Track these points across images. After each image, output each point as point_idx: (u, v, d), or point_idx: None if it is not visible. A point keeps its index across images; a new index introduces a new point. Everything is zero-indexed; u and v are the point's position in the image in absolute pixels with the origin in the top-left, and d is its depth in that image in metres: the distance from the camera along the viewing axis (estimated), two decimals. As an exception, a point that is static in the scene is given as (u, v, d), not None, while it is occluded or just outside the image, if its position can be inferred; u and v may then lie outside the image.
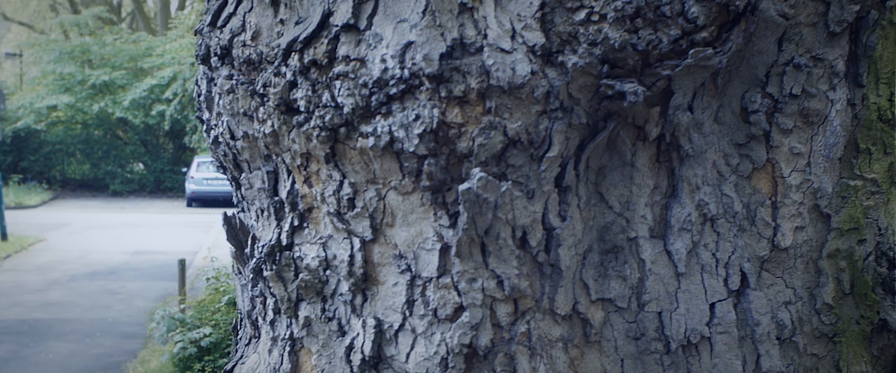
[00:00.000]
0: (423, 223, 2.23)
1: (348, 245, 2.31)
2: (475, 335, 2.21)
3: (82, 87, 33.73)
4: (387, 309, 2.30)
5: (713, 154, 2.32)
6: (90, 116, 34.79)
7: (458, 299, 2.22)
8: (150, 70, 33.30)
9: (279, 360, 2.48)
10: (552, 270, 2.25)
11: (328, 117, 2.20)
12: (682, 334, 2.33)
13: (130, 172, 36.44)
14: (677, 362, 2.34)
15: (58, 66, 33.85)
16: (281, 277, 2.41)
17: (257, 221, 2.54)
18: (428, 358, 2.24)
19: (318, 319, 2.39)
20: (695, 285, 2.34)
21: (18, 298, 18.07)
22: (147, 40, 35.21)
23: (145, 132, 35.89)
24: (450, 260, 2.21)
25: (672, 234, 2.33)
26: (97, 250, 23.27)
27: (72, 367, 13.75)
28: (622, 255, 2.33)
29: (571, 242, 2.25)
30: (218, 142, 2.57)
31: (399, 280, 2.28)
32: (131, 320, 16.64)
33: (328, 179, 2.30)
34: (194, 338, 11.41)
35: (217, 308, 12.04)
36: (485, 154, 2.13)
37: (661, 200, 2.33)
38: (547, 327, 2.27)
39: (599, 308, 2.33)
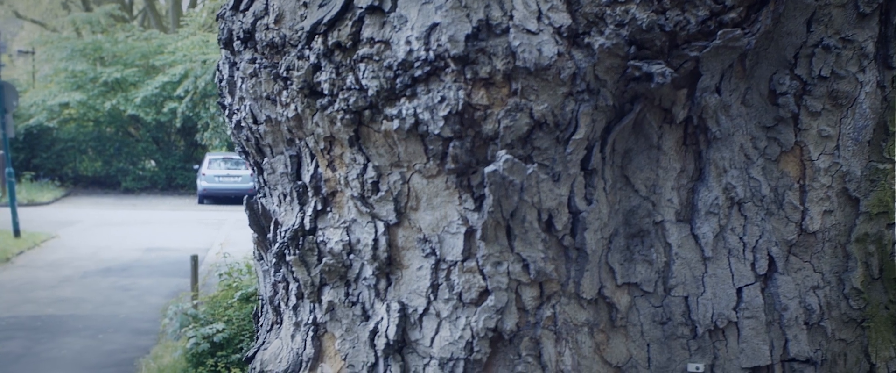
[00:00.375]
0: (448, 207, 2.21)
1: (372, 229, 2.30)
2: (500, 319, 2.19)
3: (94, 85, 33.79)
4: (411, 293, 2.28)
5: (741, 137, 2.30)
6: (102, 114, 34.86)
7: (483, 283, 2.20)
8: (161, 67, 33.33)
9: (302, 345, 2.47)
10: (578, 254, 2.23)
11: (352, 100, 2.18)
12: (708, 318, 2.31)
13: (142, 169, 36.49)
14: (704, 346, 2.32)
15: (70, 63, 33.91)
16: (304, 261, 2.39)
17: (280, 206, 2.52)
18: (453, 342, 2.22)
19: (342, 303, 2.37)
20: (722, 270, 2.32)
21: (31, 294, 18.09)
22: (159, 38, 35.24)
23: (157, 129, 35.95)
24: (475, 243, 2.20)
25: (699, 218, 2.31)
26: (109, 247, 23.30)
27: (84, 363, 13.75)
28: (648, 239, 2.31)
29: (597, 225, 2.23)
30: (240, 126, 2.56)
31: (423, 264, 2.26)
32: (143, 317, 16.64)
33: (352, 162, 2.28)
34: (207, 334, 11.41)
35: (230, 304, 12.03)
36: (510, 136, 2.11)
37: (687, 184, 2.31)
38: (572, 312, 2.26)
39: (625, 293, 2.32)
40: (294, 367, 2.48)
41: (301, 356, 2.47)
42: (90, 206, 31.71)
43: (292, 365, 2.48)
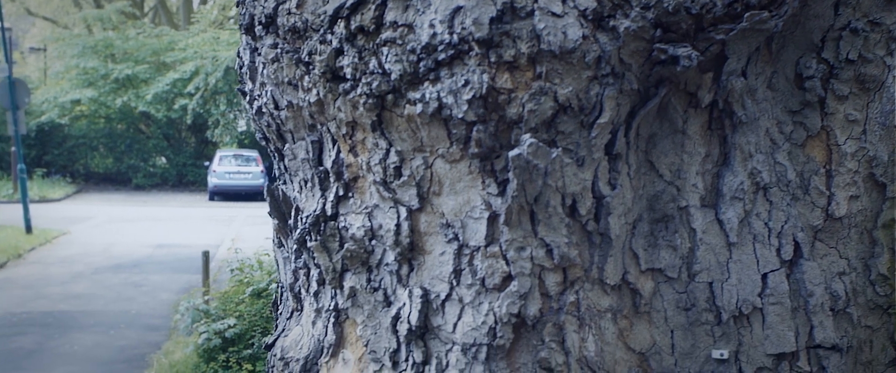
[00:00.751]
0: (471, 192, 2.20)
1: (394, 214, 2.28)
2: (523, 305, 2.18)
3: (105, 82, 33.86)
4: (433, 279, 2.27)
5: (766, 122, 2.28)
6: (113, 110, 34.93)
7: (506, 268, 2.19)
8: (172, 64, 33.36)
9: (323, 331, 2.46)
10: (601, 239, 2.22)
11: (375, 84, 2.17)
12: (733, 304, 2.29)
13: (153, 165, 36.54)
14: (728, 332, 2.30)
15: (81, 60, 33.98)
16: (325, 247, 2.38)
17: (300, 193, 2.51)
18: (475, 328, 2.21)
19: (364, 289, 2.36)
20: (747, 255, 2.30)
21: (43, 290, 18.14)
22: (170, 35, 35.30)
23: (168, 126, 36.01)
24: (498, 229, 2.18)
25: (724, 203, 2.29)
26: (120, 243, 23.36)
27: (96, 358, 13.78)
28: (672, 224, 2.29)
29: (621, 210, 2.22)
30: (261, 112, 2.55)
31: (446, 249, 2.25)
32: (155, 313, 16.67)
33: (374, 147, 2.27)
34: (219, 329, 11.42)
35: (241, 300, 12.05)
36: (535, 120, 2.10)
37: (712, 169, 2.29)
38: (596, 298, 2.24)
39: (649, 278, 2.30)
40: (315, 353, 2.47)
41: (322, 343, 2.46)
42: (101, 202, 31.78)
43: (313, 352, 2.47)
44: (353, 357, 2.39)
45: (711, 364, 2.31)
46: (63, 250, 22.04)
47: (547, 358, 2.20)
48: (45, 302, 17.00)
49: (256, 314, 11.62)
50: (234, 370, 11.04)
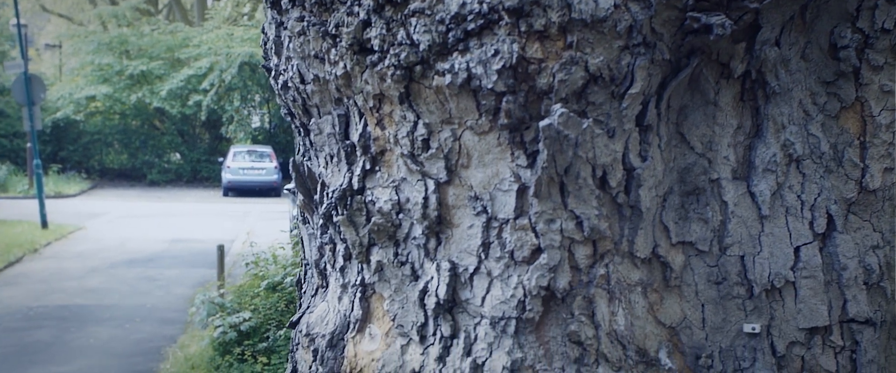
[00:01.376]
0: (500, 164, 2.18)
1: (422, 187, 2.27)
2: (553, 278, 2.16)
3: (120, 78, 33.99)
4: (462, 252, 2.25)
5: (799, 93, 2.25)
6: (128, 107, 35.07)
7: (535, 241, 2.17)
8: (186, 61, 33.47)
9: (350, 306, 2.44)
10: (632, 211, 2.20)
11: (403, 56, 2.16)
12: (765, 278, 2.26)
13: (167, 161, 36.67)
14: (760, 307, 2.28)
15: (96, 56, 34.12)
16: (352, 221, 2.37)
17: (326, 168, 2.50)
18: (504, 301, 2.19)
19: (391, 263, 2.34)
20: (779, 228, 2.27)
21: (59, 284, 18.22)
22: (184, 31, 35.41)
23: (182, 122, 36.11)
24: (527, 201, 2.16)
25: (756, 175, 2.26)
26: (135, 238, 23.45)
27: (112, 351, 13.83)
28: (704, 197, 2.27)
29: (652, 183, 2.20)
30: (287, 87, 2.54)
31: (474, 222, 2.23)
32: (170, 307, 16.73)
33: (402, 120, 2.25)
34: (234, 322, 11.45)
35: (256, 293, 12.07)
36: (565, 90, 2.07)
37: (744, 141, 2.27)
38: (626, 271, 2.22)
39: (680, 252, 2.28)
40: (341, 329, 2.45)
41: (348, 318, 2.44)
42: (116, 198, 31.92)
43: (339, 327, 2.46)
44: (380, 332, 2.37)
45: (743, 338, 2.29)
46: (78, 245, 22.14)
47: (577, 331, 2.18)
48: (61, 296, 17.08)
49: (271, 308, 11.64)
50: (250, 363, 11.06)
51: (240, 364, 10.99)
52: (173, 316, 15.71)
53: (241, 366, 11.04)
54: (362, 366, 2.37)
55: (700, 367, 2.28)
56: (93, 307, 16.02)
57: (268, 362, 10.81)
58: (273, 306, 11.53)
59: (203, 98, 31.90)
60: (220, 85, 31.41)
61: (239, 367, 11.06)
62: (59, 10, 44.70)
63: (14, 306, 16.03)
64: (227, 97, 32.43)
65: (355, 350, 2.40)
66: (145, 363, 13.16)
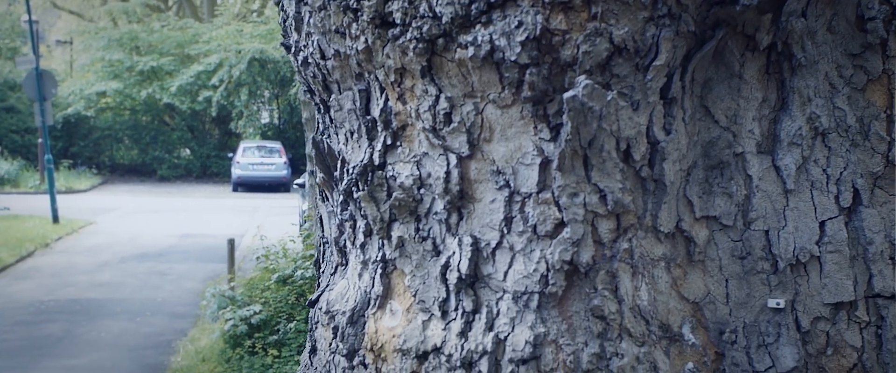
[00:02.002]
0: (523, 137, 2.16)
1: (444, 162, 2.25)
2: (576, 252, 2.15)
3: (130, 74, 34.09)
4: (484, 227, 2.24)
5: (826, 65, 2.23)
6: (138, 102, 35.17)
7: (558, 215, 2.15)
8: (196, 57, 33.54)
9: (370, 283, 2.43)
10: (655, 185, 2.18)
11: (425, 28, 2.14)
12: (790, 253, 2.25)
13: (177, 157, 36.76)
14: (785, 281, 2.26)
15: (107, 53, 34.23)
16: (373, 197, 2.35)
17: (347, 144, 2.49)
18: (527, 276, 2.18)
19: (412, 239, 2.33)
20: (804, 203, 2.25)
21: (70, 278, 18.27)
22: (194, 27, 35.49)
23: (192, 118, 36.20)
24: (550, 174, 2.15)
25: (781, 149, 2.24)
26: (145, 233, 23.51)
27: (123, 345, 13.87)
28: (728, 171, 2.25)
29: (676, 156, 2.18)
30: (307, 63, 2.53)
31: (497, 197, 2.21)
32: (180, 301, 16.77)
33: (423, 94, 2.24)
34: (245, 315, 11.48)
35: (266, 286, 12.09)
36: (589, 62, 2.06)
37: (769, 114, 2.25)
38: (649, 246, 2.21)
39: (704, 226, 2.26)
40: (361, 305, 2.44)
41: (369, 294, 2.43)
42: (126, 193, 32.01)
43: (360, 304, 2.45)
44: (401, 308, 2.36)
45: (767, 314, 2.27)
46: (89, 240, 22.21)
47: (600, 306, 2.16)
48: (72, 290, 17.14)
49: (282, 301, 11.66)
50: (260, 356, 11.08)
51: (250, 357, 11.02)
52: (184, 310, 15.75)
53: (252, 359, 11.06)
54: (383, 342, 2.36)
55: (724, 342, 2.26)
56: (104, 301, 16.07)
57: (278, 354, 10.82)
58: (283, 299, 11.55)
59: (213, 94, 31.97)
60: (230, 81, 31.47)
61: (249, 360, 11.08)
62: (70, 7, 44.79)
63: (26, 299, 16.10)
64: (236, 93, 32.49)
65: (376, 326, 2.39)
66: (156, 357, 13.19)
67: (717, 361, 2.26)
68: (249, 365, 10.95)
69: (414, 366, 2.28)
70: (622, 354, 2.16)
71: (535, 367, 2.15)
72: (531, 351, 2.15)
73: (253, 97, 34.14)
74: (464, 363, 2.21)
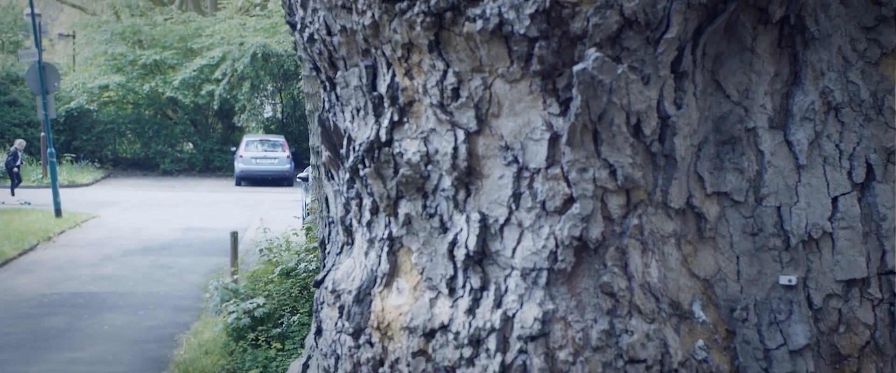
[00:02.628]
0: (532, 112, 2.14)
1: (452, 138, 2.22)
2: (585, 228, 2.12)
3: (133, 67, 34.07)
4: (492, 203, 2.21)
5: (839, 39, 2.20)
6: (141, 96, 35.16)
7: (567, 191, 2.12)
8: (199, 50, 33.51)
9: (376, 261, 2.40)
10: (666, 161, 2.15)
11: (433, 2, 2.11)
12: (802, 229, 2.22)
13: (180, 151, 36.74)
14: (797, 258, 2.23)
15: (109, 46, 34.20)
16: (380, 174, 2.33)
17: (353, 121, 2.46)
18: (535, 252, 2.15)
19: (419, 215, 2.30)
20: (816, 178, 2.23)
21: (73, 272, 18.26)
22: (196, 21, 35.45)
23: (195, 112, 36.17)
24: (559, 150, 2.12)
25: (793, 123, 2.22)
26: (148, 227, 23.50)
27: (126, 338, 13.84)
28: (739, 146, 2.23)
29: (687, 131, 2.15)
30: (313, 39, 2.50)
31: (505, 173, 2.19)
32: (183, 294, 16.76)
33: (431, 69, 2.21)
34: (248, 308, 11.46)
35: (270, 279, 12.07)
36: (599, 35, 2.03)
37: (781, 89, 2.22)
38: (659, 222, 2.18)
39: (714, 202, 2.23)
40: (368, 284, 2.41)
41: (375, 273, 2.40)
42: (129, 187, 31.98)
43: (366, 282, 2.42)
44: (408, 286, 2.34)
45: (779, 291, 2.24)
46: (92, 233, 22.20)
47: (609, 283, 2.14)
48: (74, 283, 17.12)
49: (285, 294, 11.64)
50: (263, 349, 11.07)
51: (253, 350, 11.00)
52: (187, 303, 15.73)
53: (255, 351, 11.04)
54: (390, 320, 2.33)
55: (735, 320, 2.24)
56: (106, 295, 16.05)
57: (282, 347, 10.81)
58: (287, 291, 11.54)
59: (216, 88, 31.93)
60: (233, 75, 31.44)
61: (253, 352, 11.06)
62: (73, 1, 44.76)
63: (28, 292, 16.08)
64: (239, 87, 32.46)
65: (382, 305, 2.36)
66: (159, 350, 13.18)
67: (727, 338, 2.23)
68: (253, 358, 10.94)
69: (421, 344, 2.26)
70: (632, 331, 2.13)
71: (543, 344, 2.13)
72: (540, 328, 2.13)
73: (256, 91, 34.11)
74: (472, 341, 2.18)
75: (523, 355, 2.14)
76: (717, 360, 2.20)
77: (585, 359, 2.12)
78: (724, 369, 2.20)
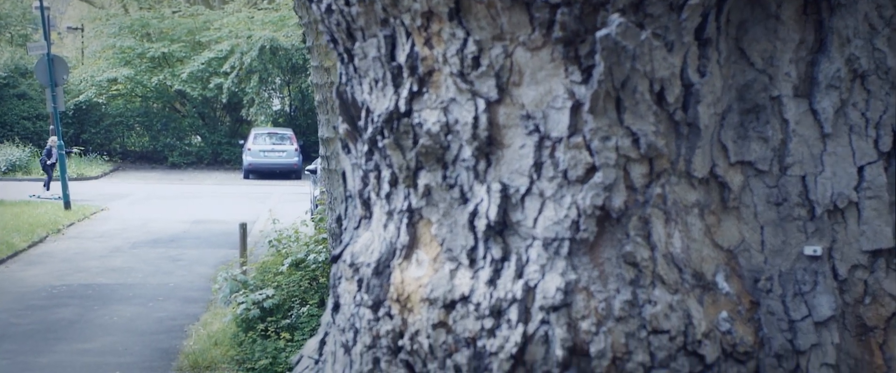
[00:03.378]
0: (553, 80, 2.11)
1: (472, 107, 2.20)
2: (608, 197, 2.09)
3: (141, 61, 34.13)
4: (513, 173, 2.18)
5: (865, 5, 2.17)
6: (149, 89, 35.20)
7: (589, 159, 2.10)
8: (207, 43, 33.51)
9: (396, 233, 2.38)
10: (689, 129, 2.13)
11: (453, -31, 2.09)
12: (827, 198, 2.19)
13: (188, 144, 36.78)
14: (822, 228, 2.21)
15: (118, 39, 34.24)
16: (399, 145, 2.30)
17: (371, 93, 2.43)
18: (557, 222, 2.13)
19: (439, 186, 2.28)
20: (842, 147, 2.20)
21: (83, 263, 18.28)
22: (205, 14, 35.46)
23: (203, 105, 36.22)
24: (581, 118, 2.09)
25: (818, 91, 2.19)
26: (157, 220, 23.53)
27: (136, 329, 13.85)
28: (764, 114, 2.20)
29: (711, 99, 2.13)
30: (330, 10, 2.47)
31: (526, 142, 2.16)
32: (192, 286, 16.77)
33: (451, 38, 2.18)
34: (257, 299, 11.46)
35: (279, 270, 12.06)
36: (622, 1, 2.01)
37: (806, 56, 2.19)
38: (682, 191, 2.15)
39: (738, 172, 2.21)
40: (387, 256, 2.39)
41: (394, 245, 2.38)
42: (138, 180, 32.04)
43: (385, 255, 2.40)
44: (428, 257, 2.31)
45: (803, 261, 2.22)
46: (101, 226, 22.23)
47: (632, 252, 2.11)
48: (84, 275, 17.14)
49: (294, 285, 11.62)
50: (273, 340, 11.06)
51: (263, 341, 11.00)
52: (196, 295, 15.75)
53: (264, 342, 11.04)
54: (410, 292, 2.31)
55: (759, 291, 2.21)
56: (116, 286, 16.07)
57: (291, 338, 10.80)
58: (296, 283, 11.52)
59: (224, 81, 31.96)
60: (241, 68, 31.47)
61: (262, 343, 11.06)
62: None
63: (38, 284, 16.11)
64: (247, 80, 32.49)
65: (402, 277, 2.34)
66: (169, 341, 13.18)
67: (751, 310, 2.21)
68: (262, 348, 10.94)
69: (441, 315, 2.24)
70: (655, 301, 2.11)
71: (566, 314, 2.10)
72: (562, 298, 2.10)
73: (264, 84, 34.14)
74: (492, 312, 2.16)
75: (545, 326, 2.11)
76: (741, 331, 2.18)
77: (608, 329, 2.09)
78: (748, 340, 2.18)
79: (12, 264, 18.09)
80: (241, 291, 11.93)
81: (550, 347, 2.11)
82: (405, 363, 2.32)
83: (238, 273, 13.11)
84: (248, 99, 33.90)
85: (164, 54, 33.77)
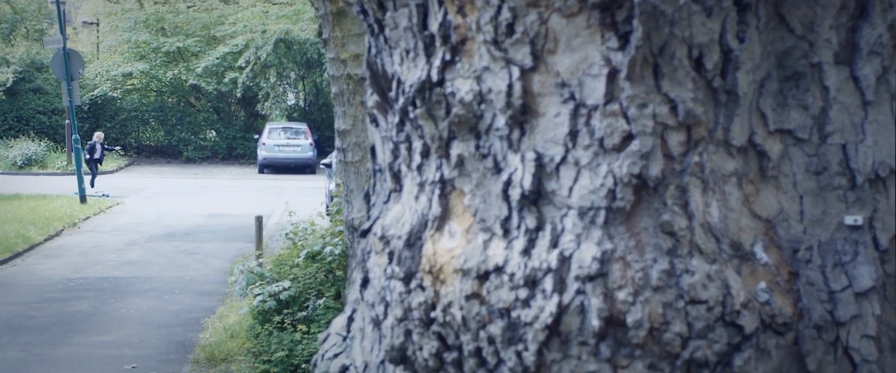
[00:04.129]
0: (589, 47, 2.08)
1: (506, 75, 2.17)
2: (645, 165, 2.06)
3: (156, 55, 34.29)
4: (547, 142, 2.15)
5: (909, -32, 2.14)
6: (164, 84, 35.37)
7: (626, 127, 2.07)
8: (222, 38, 33.64)
9: (427, 204, 2.35)
10: (728, 96, 2.09)
11: (488, -66, 2.06)
12: (869, 167, 2.15)
13: (203, 138, 36.93)
14: (863, 198, 2.17)
15: (133, 34, 34.43)
16: (431, 114, 2.28)
17: (402, 64, 2.41)
18: (593, 191, 2.10)
19: (472, 156, 2.25)
20: (884, 115, 2.16)
21: (98, 257, 18.37)
22: (219, 8, 35.60)
23: (218, 99, 36.35)
24: (618, 85, 2.06)
25: (860, 58, 2.15)
26: (172, 213, 23.63)
27: (152, 322, 13.91)
28: (804, 82, 2.16)
29: (750, 66, 2.09)
30: (361, -21, 2.45)
31: (561, 110, 2.13)
32: (208, 279, 16.84)
33: (484, 5, 2.15)
34: (273, 291, 11.49)
35: (295, 263, 12.09)
36: (661, -35, 1.97)
37: (847, 22, 2.15)
38: (720, 160, 2.12)
39: (777, 140, 2.17)
40: (418, 228, 2.36)
41: (426, 216, 2.35)
42: (153, 174, 32.18)
43: (416, 226, 2.37)
44: (461, 229, 2.28)
45: (843, 231, 2.18)
46: (117, 220, 22.35)
47: (669, 221, 2.08)
48: (100, 268, 17.24)
49: (311, 277, 11.64)
50: (289, 332, 11.08)
51: (279, 333, 11.02)
52: (211, 288, 15.80)
53: (281, 335, 11.06)
54: (442, 264, 2.28)
55: (798, 261, 2.18)
56: (132, 279, 16.15)
57: (307, 330, 10.81)
58: (312, 275, 11.54)
59: (239, 75, 32.08)
60: (256, 62, 31.57)
61: (278, 335, 11.09)
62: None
63: (55, 277, 16.20)
64: (262, 74, 32.58)
65: (434, 248, 2.31)
66: (185, 333, 13.22)
67: (790, 280, 2.17)
68: (278, 341, 10.96)
69: (474, 287, 2.21)
70: (693, 271, 2.07)
71: (602, 284, 2.07)
72: (598, 268, 2.07)
73: (279, 79, 34.24)
74: (527, 282, 2.13)
75: (581, 296, 2.08)
76: (780, 302, 2.14)
77: (645, 299, 2.06)
78: (787, 311, 2.14)
79: (29, 258, 18.19)
80: (258, 283, 11.97)
81: (586, 317, 2.09)
82: (437, 335, 2.30)
83: (254, 265, 13.15)
84: (263, 93, 33.99)
85: (179, 49, 33.91)
